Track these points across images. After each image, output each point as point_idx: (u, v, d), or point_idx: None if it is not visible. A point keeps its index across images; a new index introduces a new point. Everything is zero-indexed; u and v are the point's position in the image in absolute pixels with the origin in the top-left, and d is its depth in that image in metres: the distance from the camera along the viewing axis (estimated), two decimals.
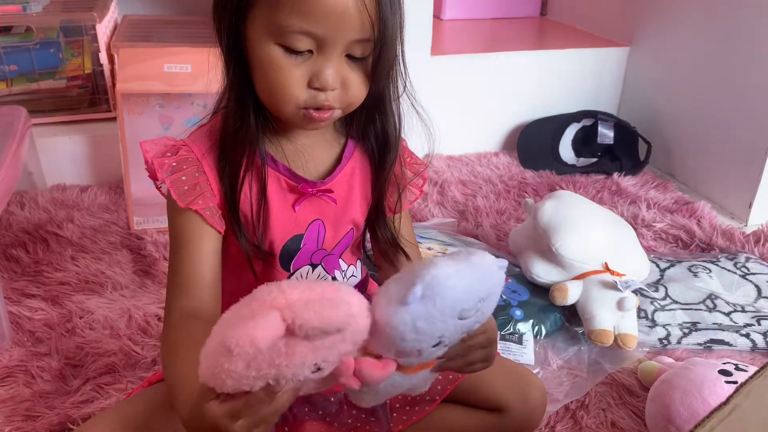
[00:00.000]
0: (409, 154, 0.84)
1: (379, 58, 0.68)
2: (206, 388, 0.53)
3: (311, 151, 0.76)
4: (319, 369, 0.54)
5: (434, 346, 0.59)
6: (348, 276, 0.84)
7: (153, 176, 0.72)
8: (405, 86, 0.77)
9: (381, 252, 0.83)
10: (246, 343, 0.49)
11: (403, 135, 0.80)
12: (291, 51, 0.65)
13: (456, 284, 0.55)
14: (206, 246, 0.72)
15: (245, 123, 0.71)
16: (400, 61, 0.74)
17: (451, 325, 0.57)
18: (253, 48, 0.67)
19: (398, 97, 0.76)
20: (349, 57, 0.67)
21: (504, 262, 0.60)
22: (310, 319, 0.51)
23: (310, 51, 0.65)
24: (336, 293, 0.54)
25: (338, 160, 0.77)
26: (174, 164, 0.71)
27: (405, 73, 0.76)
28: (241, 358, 0.50)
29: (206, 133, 0.74)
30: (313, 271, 0.79)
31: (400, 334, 0.56)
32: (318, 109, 0.68)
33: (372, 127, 0.77)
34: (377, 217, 0.80)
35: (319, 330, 0.52)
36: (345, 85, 0.68)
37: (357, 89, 0.69)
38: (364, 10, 0.64)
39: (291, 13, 0.63)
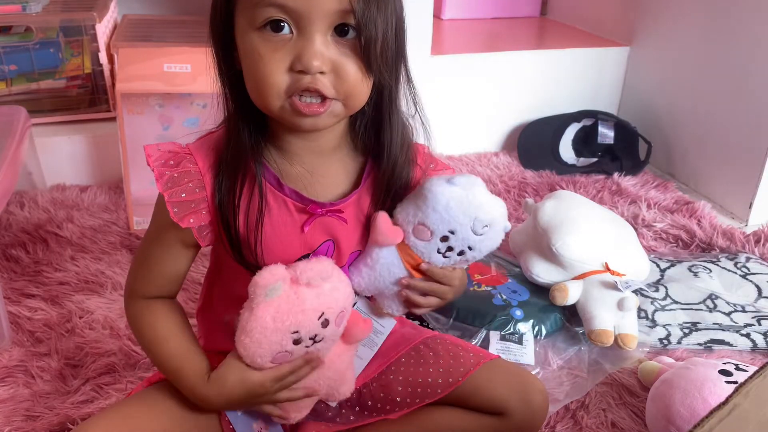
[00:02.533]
0: (435, 161, 0.80)
1: (365, 36, 0.63)
2: (238, 364, 0.70)
3: (324, 171, 0.72)
4: (326, 321, 0.69)
5: (442, 240, 0.73)
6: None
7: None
8: (415, 98, 0.75)
9: None
10: (263, 278, 0.66)
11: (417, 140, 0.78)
12: (269, 35, 0.62)
13: (485, 193, 0.73)
14: (183, 255, 0.75)
15: (240, 142, 0.69)
16: (404, 63, 0.72)
17: (465, 226, 0.72)
18: (240, 50, 0.65)
19: (399, 109, 0.74)
20: (340, 36, 0.63)
21: (508, 225, 0.76)
22: (308, 269, 0.67)
23: (292, 33, 0.62)
24: (318, 258, 0.71)
25: (356, 183, 0.74)
26: (175, 176, 0.69)
27: (411, 82, 0.74)
28: (265, 310, 0.66)
29: (213, 144, 0.71)
30: None
31: (434, 204, 0.71)
32: (303, 94, 0.63)
33: (383, 142, 0.73)
34: None
35: (316, 274, 0.67)
36: (338, 71, 0.63)
37: (353, 75, 0.64)
38: None
39: None
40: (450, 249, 0.74)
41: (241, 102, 0.68)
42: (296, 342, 0.68)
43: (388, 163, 0.73)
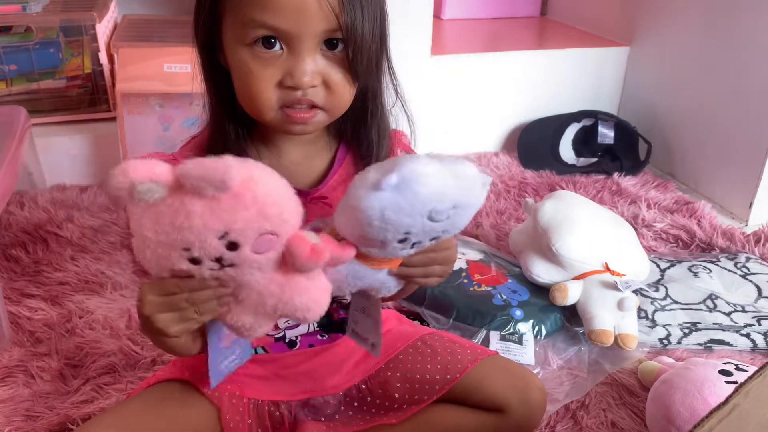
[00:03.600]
0: (405, 148, 0.82)
1: (352, 50, 0.65)
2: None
3: (304, 160, 0.75)
4: (233, 244, 0.53)
5: (399, 242, 0.59)
6: None
7: None
8: (397, 92, 0.75)
9: None
10: (119, 173, 0.50)
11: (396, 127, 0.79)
12: (259, 51, 0.64)
13: (432, 183, 0.55)
14: None
15: (225, 138, 0.70)
16: (387, 60, 0.73)
17: (419, 223, 0.57)
18: (228, 58, 0.67)
19: (382, 103, 0.74)
20: (328, 49, 0.65)
21: (488, 179, 0.60)
22: (192, 168, 0.50)
23: (282, 50, 0.64)
24: (237, 159, 0.52)
25: (330, 165, 0.76)
26: None
27: (392, 74, 0.74)
28: (146, 215, 0.52)
29: (196, 146, 0.73)
30: None
31: (367, 219, 0.56)
32: (294, 106, 0.65)
33: (363, 131, 0.75)
34: None
35: (200, 179, 0.50)
36: (327, 83, 0.66)
37: (341, 88, 0.67)
38: (324, 1, 0.62)
39: (251, 8, 0.62)
40: (415, 243, 0.61)
41: (226, 100, 0.70)
42: (194, 261, 0.54)
43: (367, 152, 0.75)
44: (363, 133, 0.75)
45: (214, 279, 0.56)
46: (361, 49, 0.65)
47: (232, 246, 0.53)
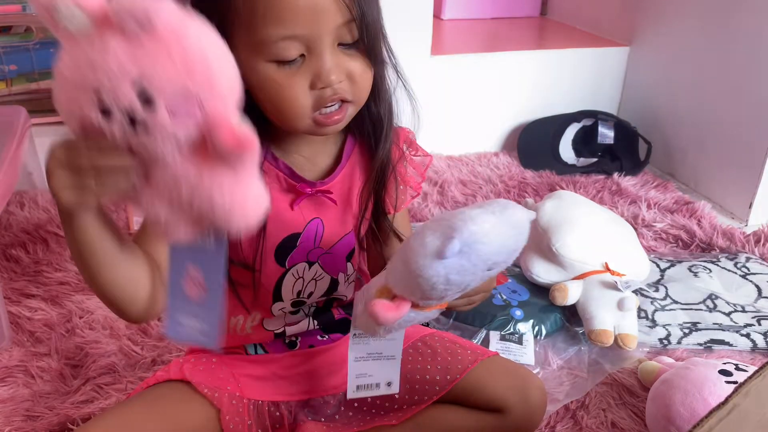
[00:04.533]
0: (416, 147, 0.82)
1: (368, 35, 0.66)
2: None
3: (313, 155, 0.75)
4: (148, 100, 0.46)
5: (458, 292, 0.62)
6: (351, 280, 0.84)
7: None
8: (397, 71, 0.76)
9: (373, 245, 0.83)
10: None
11: (401, 124, 0.80)
12: (283, 62, 0.64)
13: (493, 241, 0.57)
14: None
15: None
16: (386, 45, 0.73)
17: (479, 277, 0.60)
18: (244, 75, 0.66)
19: (387, 87, 0.76)
20: (342, 45, 0.66)
21: (533, 215, 0.62)
22: (126, 2, 0.45)
23: (302, 56, 0.64)
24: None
25: (338, 159, 0.77)
26: None
27: (392, 55, 0.75)
28: (68, 49, 0.48)
29: None
30: (309, 268, 0.79)
31: (432, 285, 0.58)
32: (327, 109, 0.66)
33: (367, 113, 0.75)
34: (377, 214, 0.80)
35: (124, 11, 0.45)
36: (351, 77, 0.67)
37: (363, 77, 0.68)
38: None
39: (267, 24, 0.62)
40: (463, 292, 0.64)
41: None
42: (104, 112, 0.47)
43: (379, 141, 0.76)
44: (367, 115, 0.75)
45: (125, 147, 0.49)
46: (374, 34, 0.67)
47: (147, 101, 0.46)
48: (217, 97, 0.48)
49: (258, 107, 0.68)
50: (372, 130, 0.76)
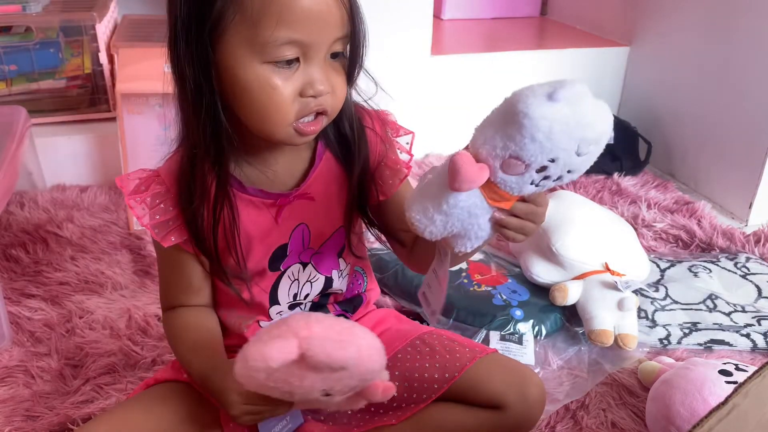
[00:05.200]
0: (396, 128, 0.82)
1: (357, 52, 0.68)
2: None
3: (282, 163, 0.75)
4: (328, 395, 0.63)
5: (538, 172, 0.58)
6: (344, 275, 0.84)
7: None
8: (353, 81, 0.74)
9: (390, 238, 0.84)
10: (259, 359, 0.59)
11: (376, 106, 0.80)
12: (281, 65, 0.64)
13: (594, 103, 0.56)
14: (190, 266, 0.76)
15: (196, 159, 0.70)
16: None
17: (570, 149, 0.57)
18: (233, 74, 0.65)
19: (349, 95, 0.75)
20: (333, 58, 0.67)
21: (612, 136, 0.59)
22: (318, 354, 0.58)
23: (297, 60, 0.65)
24: (350, 337, 0.61)
25: (311, 164, 0.77)
26: (147, 200, 0.72)
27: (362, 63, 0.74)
28: (261, 370, 0.59)
29: (177, 161, 0.73)
30: (303, 269, 0.80)
31: (533, 131, 0.55)
32: (306, 119, 0.67)
33: (334, 128, 0.76)
34: (362, 213, 0.80)
35: (325, 365, 0.59)
36: (334, 89, 0.68)
37: (342, 92, 0.69)
38: (341, 6, 0.64)
39: (278, 25, 0.62)
40: (546, 177, 0.60)
41: (206, 122, 0.68)
42: (290, 398, 0.64)
43: (345, 144, 0.76)
44: (334, 130, 0.76)
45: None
46: (363, 50, 0.68)
47: (328, 395, 0.64)
48: (374, 379, 0.65)
49: (230, 119, 0.68)
50: (340, 147, 0.77)
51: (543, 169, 0.58)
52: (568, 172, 0.59)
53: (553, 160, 0.57)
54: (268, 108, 0.66)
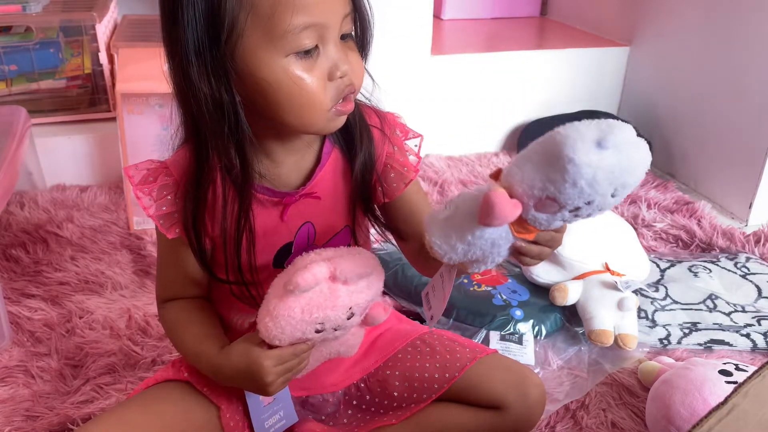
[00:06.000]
0: (406, 130, 0.82)
1: (365, 25, 0.70)
2: (253, 340, 0.69)
3: (289, 162, 0.75)
4: (352, 315, 0.69)
5: (570, 212, 0.58)
6: None
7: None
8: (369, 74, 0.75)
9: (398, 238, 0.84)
10: (310, 278, 0.64)
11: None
12: (303, 55, 0.64)
13: (641, 152, 0.54)
14: (191, 260, 0.75)
15: (205, 159, 0.70)
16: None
17: (607, 193, 0.55)
18: (257, 76, 0.64)
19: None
20: (342, 39, 0.67)
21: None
22: (348, 265, 0.66)
23: (316, 47, 0.65)
24: (355, 249, 0.71)
25: (317, 162, 0.77)
26: (154, 192, 0.72)
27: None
28: (295, 301, 0.65)
29: (187, 154, 0.73)
30: None
31: (575, 176, 0.53)
32: (344, 100, 0.68)
33: (345, 130, 0.76)
34: (369, 212, 0.80)
35: (355, 274, 0.66)
36: (353, 66, 0.68)
37: (360, 67, 0.70)
38: None
39: (291, 13, 0.62)
40: (577, 216, 0.59)
41: (216, 122, 0.67)
42: (318, 331, 0.68)
43: (351, 143, 0.76)
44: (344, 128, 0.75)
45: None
46: (369, 24, 0.70)
47: (350, 316, 0.69)
48: (380, 292, 0.73)
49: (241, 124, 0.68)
50: (344, 142, 0.77)
51: (576, 209, 0.57)
52: (599, 210, 0.58)
53: (589, 203, 0.56)
54: (303, 98, 0.65)
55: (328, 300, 0.66)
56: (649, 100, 1.91)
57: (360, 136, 0.76)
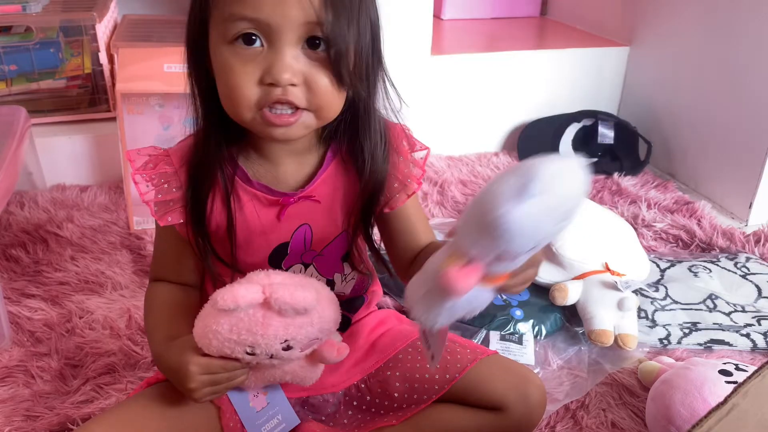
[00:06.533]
0: (413, 143, 0.80)
1: (334, 52, 0.63)
2: (193, 342, 0.67)
3: (288, 163, 0.75)
4: (289, 347, 0.67)
5: (526, 252, 0.57)
6: (348, 279, 0.84)
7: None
8: (392, 105, 0.74)
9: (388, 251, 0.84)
10: (229, 299, 0.63)
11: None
12: (240, 48, 0.63)
13: (568, 173, 0.53)
14: (182, 247, 0.76)
15: (208, 152, 0.71)
16: (383, 70, 0.71)
17: (556, 226, 0.55)
18: (212, 60, 0.67)
19: (373, 112, 0.73)
20: (311, 48, 0.64)
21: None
22: (283, 296, 0.64)
23: (263, 46, 0.63)
24: (309, 283, 0.69)
25: (319, 165, 0.76)
26: (153, 177, 0.73)
27: (389, 83, 0.73)
28: (226, 317, 0.64)
29: (189, 145, 0.74)
30: (305, 270, 0.79)
31: (514, 233, 0.53)
32: (275, 105, 0.64)
33: (354, 140, 0.74)
34: (365, 225, 0.79)
35: (290, 306, 0.64)
36: (309, 83, 0.64)
37: (324, 87, 0.65)
38: None
39: (233, 2, 0.62)
40: (535, 249, 0.59)
41: (213, 109, 0.69)
42: (250, 353, 0.67)
43: (365, 166, 0.74)
44: (354, 143, 0.74)
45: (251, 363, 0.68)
46: (343, 50, 0.64)
47: (288, 348, 0.67)
48: (330, 333, 0.72)
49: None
50: (360, 158, 0.75)
51: (532, 249, 0.57)
52: (555, 237, 0.57)
53: (538, 244, 0.56)
54: (228, 90, 0.65)
55: (258, 326, 0.65)
56: (649, 100, 1.90)
57: (376, 160, 0.74)
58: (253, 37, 0.63)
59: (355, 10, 0.64)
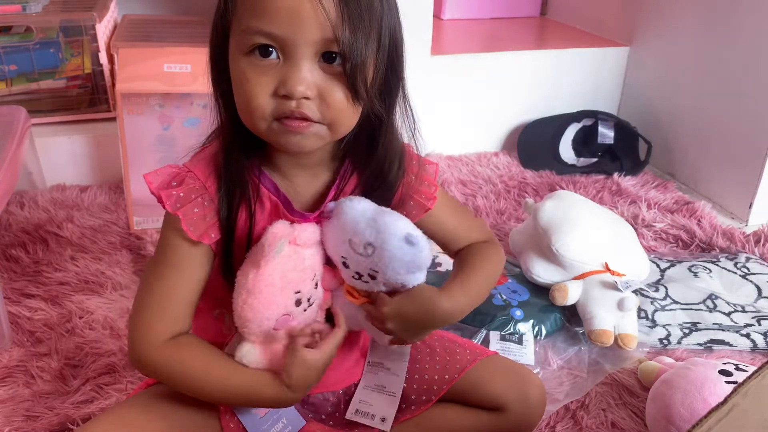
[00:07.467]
0: (423, 162, 0.79)
1: (350, 67, 0.63)
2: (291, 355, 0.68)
3: (301, 176, 0.73)
4: (316, 283, 0.72)
5: (357, 277, 0.71)
6: None
7: (161, 202, 0.69)
8: (411, 124, 0.74)
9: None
10: (272, 235, 0.66)
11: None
12: (256, 60, 0.63)
13: (353, 214, 0.68)
14: (199, 273, 0.71)
15: (239, 159, 0.69)
16: (402, 88, 0.71)
17: (345, 249, 0.70)
18: (230, 70, 0.66)
19: (391, 128, 0.72)
20: (327, 62, 0.63)
21: (417, 239, 0.68)
22: (303, 230, 0.69)
23: (279, 59, 0.63)
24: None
25: (332, 182, 0.74)
26: (182, 195, 0.68)
27: (407, 104, 0.72)
28: (275, 268, 0.66)
29: (208, 157, 0.71)
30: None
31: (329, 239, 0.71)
32: (289, 118, 0.64)
33: (368, 155, 0.73)
34: None
35: (309, 237, 0.70)
36: (323, 97, 0.64)
37: (339, 102, 0.64)
38: (318, 6, 0.60)
39: (250, 15, 0.62)
40: (359, 274, 0.71)
41: (235, 118, 0.68)
42: (297, 303, 0.69)
43: (375, 178, 0.73)
44: (369, 158, 0.73)
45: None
46: (359, 65, 0.63)
47: (315, 285, 0.72)
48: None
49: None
50: (374, 173, 0.73)
51: (358, 277, 0.71)
52: (372, 270, 0.70)
53: (343, 257, 0.71)
54: (244, 100, 0.65)
55: (298, 262, 0.69)
56: (649, 100, 1.91)
57: (390, 184, 0.74)
58: (270, 50, 0.63)
59: (374, 27, 0.64)
